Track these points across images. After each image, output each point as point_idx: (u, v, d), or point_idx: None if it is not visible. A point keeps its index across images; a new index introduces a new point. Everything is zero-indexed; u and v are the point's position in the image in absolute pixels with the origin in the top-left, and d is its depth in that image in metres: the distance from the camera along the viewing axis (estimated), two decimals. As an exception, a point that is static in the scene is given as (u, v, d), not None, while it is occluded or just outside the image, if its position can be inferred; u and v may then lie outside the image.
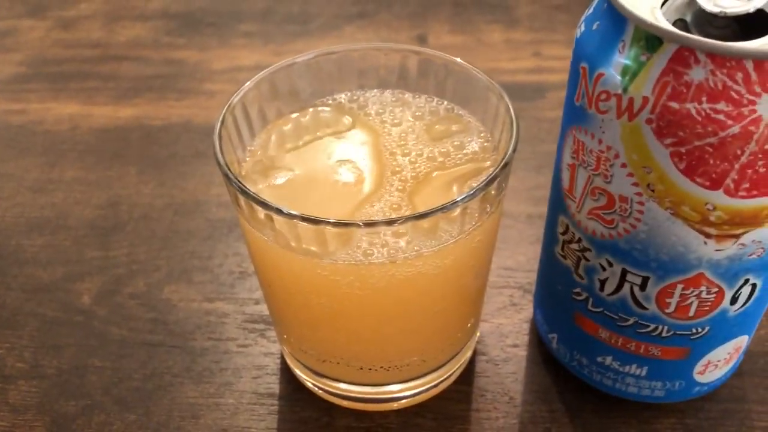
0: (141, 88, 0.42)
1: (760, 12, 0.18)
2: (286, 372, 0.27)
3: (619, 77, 0.18)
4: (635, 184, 0.19)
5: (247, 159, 0.23)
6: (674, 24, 0.19)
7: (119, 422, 0.26)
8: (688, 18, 0.19)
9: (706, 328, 0.22)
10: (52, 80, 0.43)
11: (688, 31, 0.19)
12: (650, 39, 0.17)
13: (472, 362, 0.27)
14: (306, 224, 0.18)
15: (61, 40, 0.46)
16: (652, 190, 0.19)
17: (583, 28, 0.20)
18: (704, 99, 0.17)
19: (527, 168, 0.35)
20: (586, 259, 0.22)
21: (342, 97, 0.25)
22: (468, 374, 0.27)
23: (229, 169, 0.20)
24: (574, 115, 0.20)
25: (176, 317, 0.30)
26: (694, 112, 0.17)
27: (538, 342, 0.28)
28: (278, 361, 0.28)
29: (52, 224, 0.34)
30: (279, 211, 0.19)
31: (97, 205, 0.35)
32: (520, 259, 0.31)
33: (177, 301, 0.30)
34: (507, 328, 0.29)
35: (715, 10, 0.18)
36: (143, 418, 0.26)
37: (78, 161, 0.37)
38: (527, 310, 0.29)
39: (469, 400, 0.26)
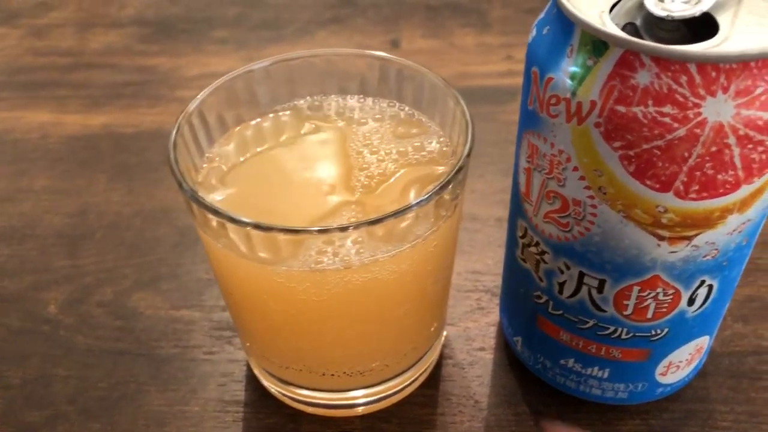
0: (112, 95, 0.42)
1: (707, 15, 0.18)
2: (252, 379, 0.27)
3: (567, 81, 0.18)
4: (587, 188, 0.19)
5: (204, 166, 0.23)
6: (624, 27, 0.19)
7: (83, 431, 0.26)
8: (638, 22, 0.19)
9: (666, 330, 0.22)
10: (23, 88, 0.43)
11: (638, 34, 0.19)
12: (596, 43, 0.18)
13: (438, 366, 0.27)
14: (257, 231, 0.18)
15: (33, 48, 0.46)
16: (604, 193, 0.19)
17: (534, 32, 0.20)
18: (650, 102, 0.17)
19: (495, 171, 0.35)
20: (545, 262, 0.22)
21: (302, 103, 0.25)
22: (433, 378, 0.27)
23: (183, 177, 0.20)
24: (528, 120, 0.20)
25: (143, 325, 0.30)
26: (640, 115, 0.17)
27: (504, 345, 0.28)
28: (244, 368, 0.28)
29: (19, 233, 0.34)
30: (230, 219, 0.18)
31: (66, 214, 0.35)
32: (488, 263, 0.31)
33: (144, 309, 0.30)
34: (474, 331, 0.28)
35: (662, 13, 0.18)
36: (108, 428, 0.26)
37: (48, 170, 0.37)
38: (494, 314, 0.29)
39: (434, 404, 0.26)
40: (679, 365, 0.24)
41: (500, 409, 0.26)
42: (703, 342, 0.24)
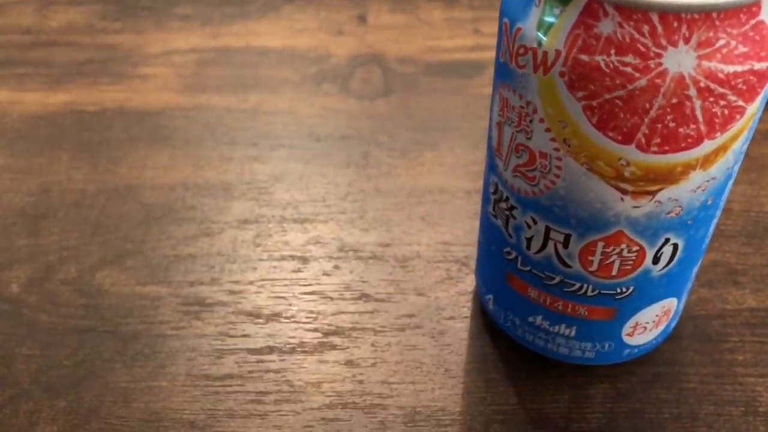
0: (74, 73, 0.41)
1: None
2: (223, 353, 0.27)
3: (534, 31, 0.18)
4: (553, 140, 0.19)
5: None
6: None
7: (48, 409, 0.25)
8: None
9: (631, 288, 0.22)
10: (-19, 68, 0.42)
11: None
12: (563, -8, 0.17)
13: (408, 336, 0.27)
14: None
15: (-9, 28, 0.45)
16: (568, 145, 0.19)
17: None
18: (612, 51, 0.17)
19: (465, 144, 0.35)
20: (514, 218, 0.22)
21: None
22: (404, 347, 0.27)
23: None
24: (500, 72, 0.20)
25: (108, 302, 0.29)
26: (603, 64, 0.17)
27: (474, 314, 0.28)
28: (213, 342, 0.27)
29: (-21, 213, 0.33)
30: None
31: (27, 192, 0.34)
32: (457, 234, 0.31)
33: (109, 286, 0.30)
34: (444, 301, 0.28)
35: None
36: (73, 405, 0.26)
37: (7, 149, 0.36)
38: (464, 284, 0.29)
39: (404, 372, 0.26)
40: (645, 326, 0.24)
41: (470, 375, 0.26)
42: (671, 304, 0.24)
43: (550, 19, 0.18)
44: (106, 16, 0.45)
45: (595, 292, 0.22)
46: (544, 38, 0.18)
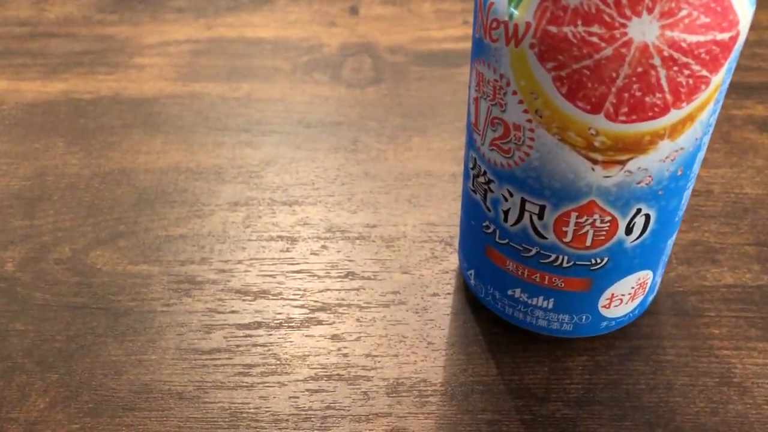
0: (70, 63, 0.42)
1: None
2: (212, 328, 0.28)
3: (506, 5, 0.19)
4: (525, 111, 0.20)
5: None
6: None
7: (40, 382, 0.26)
8: None
9: (605, 259, 0.22)
10: (-21, 58, 0.42)
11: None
12: (532, -33, 0.18)
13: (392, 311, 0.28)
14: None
15: (-10, 19, 0.46)
16: (540, 117, 0.19)
17: None
18: (579, 22, 0.18)
19: (452, 130, 0.36)
20: (491, 191, 0.23)
21: None
22: (388, 322, 0.28)
23: None
24: (476, 48, 0.21)
25: (101, 280, 0.30)
26: (570, 35, 0.18)
27: (457, 290, 0.29)
28: (203, 318, 0.28)
29: (-24, 196, 0.34)
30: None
31: (23, 177, 0.35)
32: (442, 215, 0.32)
33: (102, 265, 0.30)
34: (428, 279, 0.29)
35: None
36: (65, 377, 0.26)
37: (4, 135, 0.37)
38: (448, 262, 0.30)
39: (388, 345, 0.27)
40: (621, 298, 0.24)
41: (453, 348, 0.27)
42: (646, 277, 0.25)
43: (520, -8, 0.18)
44: (103, 8, 0.46)
45: (571, 263, 0.23)
46: (515, 11, 0.18)
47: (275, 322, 0.28)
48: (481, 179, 0.23)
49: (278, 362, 0.26)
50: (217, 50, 0.42)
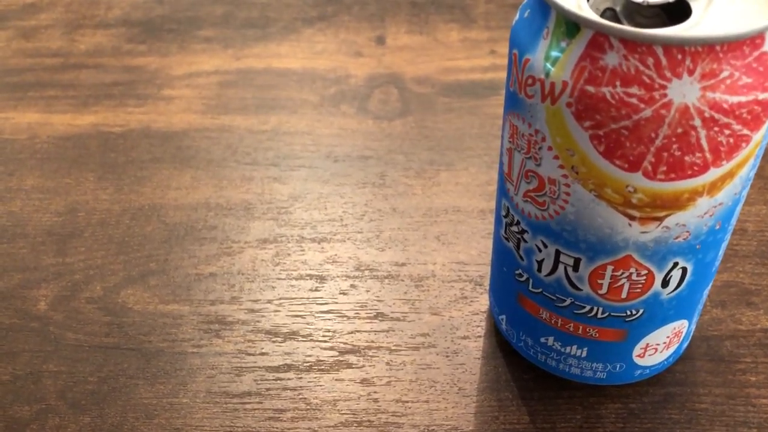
0: (100, 95, 0.42)
1: (685, 4, 0.19)
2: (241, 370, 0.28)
3: (542, 62, 0.19)
4: (561, 167, 0.19)
5: None
6: (603, 13, 0.19)
7: (73, 425, 0.26)
8: (618, 8, 0.20)
9: (641, 311, 0.22)
10: (11, 89, 0.43)
11: (617, 19, 0.19)
12: (569, 25, 0.18)
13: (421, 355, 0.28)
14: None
15: (22, 50, 0.46)
16: (577, 173, 0.19)
17: (517, 16, 0.21)
18: (618, 83, 0.17)
19: (480, 164, 0.36)
20: (525, 241, 0.22)
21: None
22: (418, 366, 0.27)
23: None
24: (510, 101, 0.21)
25: (132, 320, 0.30)
26: (609, 95, 0.18)
27: (488, 333, 0.28)
28: (233, 360, 0.28)
29: (9, 232, 0.34)
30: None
31: (55, 212, 0.35)
32: (471, 253, 0.32)
33: (133, 305, 0.31)
34: (458, 321, 0.29)
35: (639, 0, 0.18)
36: (97, 420, 0.26)
37: (37, 169, 0.38)
38: (478, 303, 0.29)
39: (418, 391, 0.27)
40: (656, 348, 0.24)
41: (483, 395, 0.26)
42: (682, 326, 0.24)
43: (557, 51, 0.18)
44: (132, 38, 0.47)
45: (606, 315, 0.22)
46: (552, 69, 0.18)
47: (305, 364, 0.28)
48: (514, 228, 0.23)
49: (308, 407, 0.26)
50: (244, 81, 0.42)
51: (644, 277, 0.21)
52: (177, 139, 0.38)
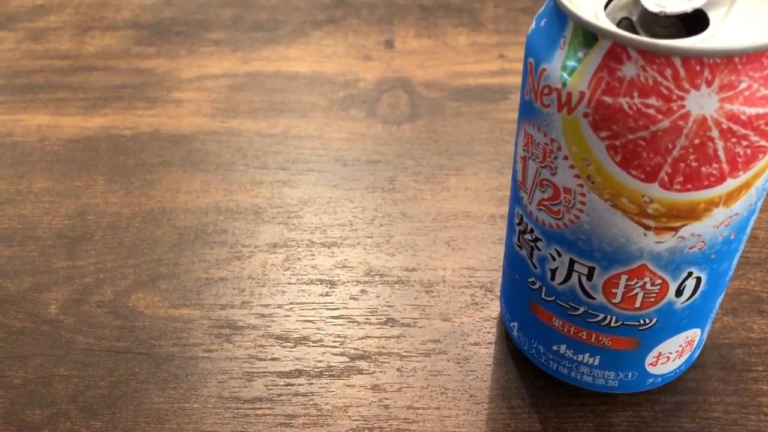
0: (110, 97, 0.42)
1: (702, 13, 0.18)
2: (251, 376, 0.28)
3: (559, 72, 0.19)
4: (577, 176, 0.19)
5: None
6: (620, 23, 0.19)
7: (85, 429, 0.26)
8: (634, 18, 0.20)
9: (654, 320, 0.22)
10: (21, 91, 0.43)
11: (634, 30, 0.19)
12: (587, 36, 0.18)
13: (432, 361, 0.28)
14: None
15: (31, 52, 0.46)
16: (592, 182, 0.19)
17: (533, 25, 0.20)
18: (636, 94, 0.17)
19: (489, 169, 0.36)
20: (538, 249, 0.22)
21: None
22: (429, 373, 0.27)
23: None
24: (525, 109, 0.21)
25: (143, 324, 0.30)
26: (626, 106, 0.18)
27: (498, 340, 0.28)
28: (244, 365, 0.28)
29: (19, 235, 0.34)
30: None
31: (65, 215, 0.35)
32: (482, 259, 0.31)
33: (143, 309, 0.31)
34: (468, 327, 0.29)
35: (656, 9, 0.18)
36: (109, 425, 0.26)
37: (46, 172, 0.38)
38: (489, 309, 0.29)
39: (429, 398, 0.27)
40: (669, 356, 0.24)
41: (494, 402, 0.26)
42: (694, 335, 0.24)
43: (574, 61, 0.18)
44: (141, 40, 0.47)
45: (619, 323, 0.22)
46: (569, 79, 0.18)
47: (315, 370, 0.28)
48: (528, 236, 0.23)
49: (319, 413, 0.26)
50: (254, 85, 0.42)
51: (658, 287, 0.21)
52: (186, 143, 0.38)
